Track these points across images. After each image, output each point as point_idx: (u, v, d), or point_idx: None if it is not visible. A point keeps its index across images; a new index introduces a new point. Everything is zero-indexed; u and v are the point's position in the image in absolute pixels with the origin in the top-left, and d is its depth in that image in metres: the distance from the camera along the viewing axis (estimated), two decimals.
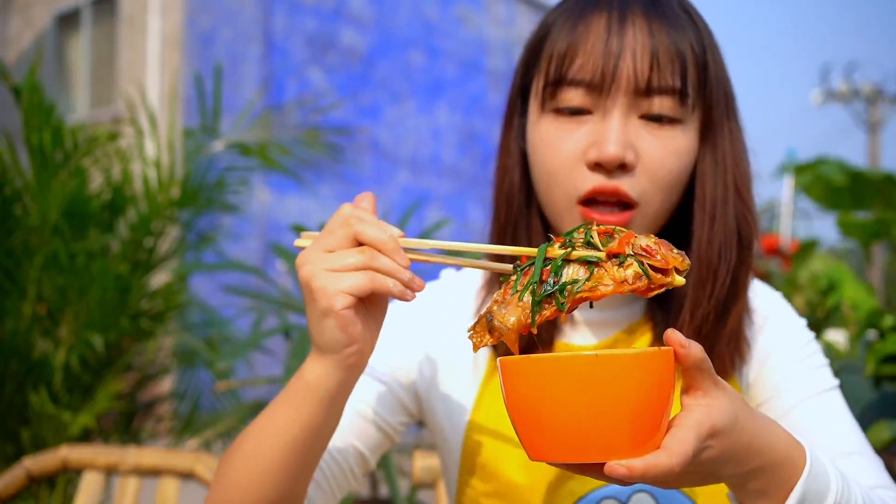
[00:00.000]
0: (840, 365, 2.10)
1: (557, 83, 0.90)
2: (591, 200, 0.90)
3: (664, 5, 0.90)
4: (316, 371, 0.79)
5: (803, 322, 1.03)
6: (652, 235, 0.72)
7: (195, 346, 2.92)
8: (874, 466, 0.90)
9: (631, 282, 0.70)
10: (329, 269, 0.75)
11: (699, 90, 0.90)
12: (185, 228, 3.00)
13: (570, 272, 0.71)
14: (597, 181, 0.88)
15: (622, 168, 0.88)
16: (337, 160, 3.35)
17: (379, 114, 11.37)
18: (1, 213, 2.53)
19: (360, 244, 0.76)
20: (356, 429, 0.98)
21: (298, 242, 0.82)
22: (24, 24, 11.57)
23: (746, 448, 0.71)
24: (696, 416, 0.68)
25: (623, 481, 0.66)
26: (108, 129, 2.83)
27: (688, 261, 0.72)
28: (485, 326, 0.72)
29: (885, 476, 0.90)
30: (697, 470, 0.69)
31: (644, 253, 0.70)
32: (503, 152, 1.00)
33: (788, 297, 2.73)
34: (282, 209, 9.94)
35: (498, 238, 0.99)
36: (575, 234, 0.73)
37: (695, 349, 0.67)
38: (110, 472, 1.41)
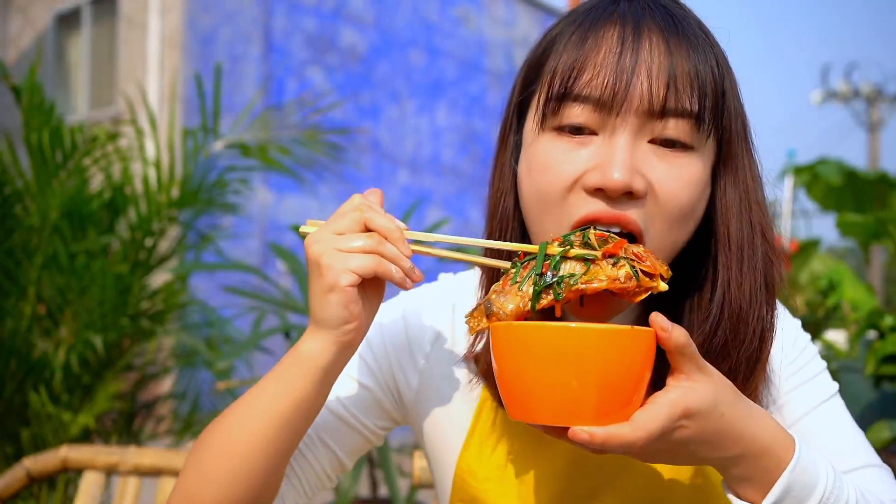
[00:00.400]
0: (840, 365, 2.10)
1: (561, 98, 0.81)
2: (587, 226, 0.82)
3: (683, 23, 0.82)
4: (311, 345, 0.81)
5: (797, 324, 1.00)
6: (640, 244, 0.77)
7: (195, 346, 2.92)
8: (887, 478, 0.89)
9: (622, 281, 0.75)
10: (338, 249, 0.78)
11: (716, 117, 0.82)
12: (185, 228, 3.00)
13: (568, 268, 0.77)
14: (595, 207, 0.80)
15: (628, 196, 0.79)
16: (337, 160, 3.35)
17: (379, 114, 11.37)
18: (1, 213, 2.53)
19: (368, 230, 0.80)
20: (331, 428, 0.97)
21: (304, 228, 0.85)
22: (24, 24, 11.57)
23: (725, 433, 0.73)
24: (671, 396, 0.71)
25: (586, 446, 0.70)
26: (107, 129, 2.83)
27: (670, 272, 0.76)
28: (483, 312, 0.78)
29: None
30: (670, 447, 0.72)
31: (635, 258, 0.76)
32: (496, 175, 0.92)
33: (788, 297, 2.73)
34: (282, 209, 9.94)
35: (489, 272, 0.93)
36: (573, 236, 0.79)
37: (677, 333, 0.70)
38: (110, 472, 1.41)
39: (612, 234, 0.78)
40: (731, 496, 0.78)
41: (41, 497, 2.45)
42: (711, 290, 0.86)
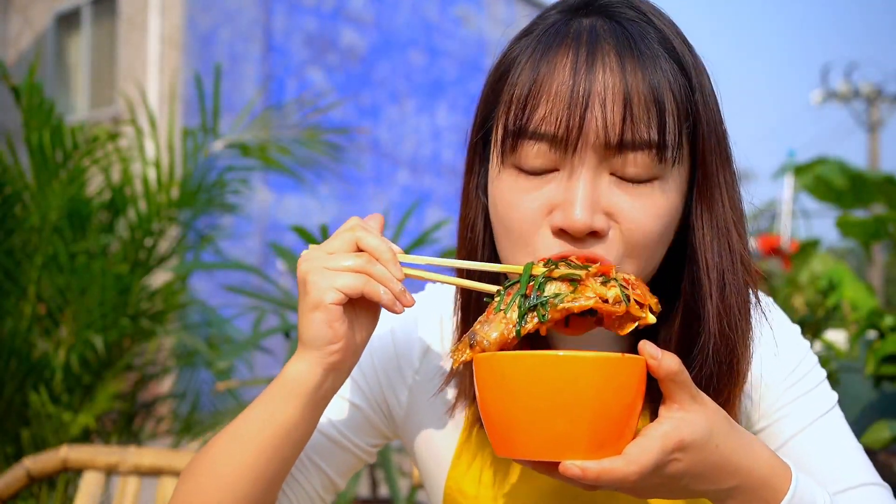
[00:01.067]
0: (840, 365, 2.10)
1: (517, 135, 0.77)
2: None
3: (640, 42, 0.77)
4: (297, 367, 0.79)
5: (796, 331, 0.97)
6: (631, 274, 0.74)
7: (195, 346, 2.91)
8: (886, 498, 0.86)
9: (611, 302, 0.73)
10: (326, 267, 0.77)
11: (684, 140, 0.78)
12: (185, 228, 3.00)
13: (553, 289, 0.74)
14: (563, 249, 0.77)
15: (593, 235, 0.77)
16: (337, 160, 3.35)
17: (379, 114, 11.37)
18: (1, 213, 2.53)
19: (361, 251, 0.79)
20: (323, 450, 0.95)
21: (306, 252, 0.84)
22: (24, 24, 11.57)
23: (721, 466, 0.71)
24: (664, 428, 0.68)
25: (578, 482, 0.67)
26: (107, 129, 2.83)
27: (659, 306, 0.73)
28: (466, 344, 0.75)
29: None
30: (664, 482, 0.70)
31: (626, 283, 0.74)
32: (465, 202, 0.89)
33: (788, 297, 2.73)
34: (282, 209, 9.94)
35: (465, 299, 0.90)
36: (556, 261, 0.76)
37: (667, 361, 0.68)
38: (110, 472, 1.41)
39: (599, 264, 0.76)
40: None
41: (41, 497, 2.45)
42: (684, 317, 0.83)
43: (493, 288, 0.80)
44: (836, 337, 2.69)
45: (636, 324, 0.74)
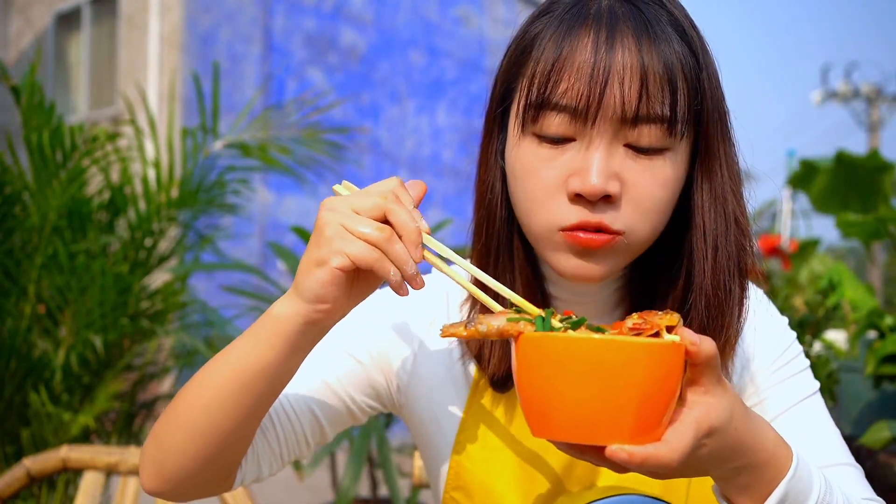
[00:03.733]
0: (840, 365, 2.10)
1: (539, 107, 0.83)
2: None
3: (654, 24, 0.83)
4: (282, 308, 0.79)
5: (784, 322, 1.02)
6: (633, 314, 0.74)
7: (195, 346, 2.91)
8: (859, 478, 0.92)
9: (625, 330, 0.73)
10: (346, 227, 0.75)
11: (691, 116, 0.85)
12: (185, 228, 2.99)
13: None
14: (580, 216, 0.83)
15: (605, 199, 0.83)
16: (337, 159, 3.35)
17: (379, 114, 11.37)
18: (1, 213, 2.53)
19: (387, 221, 0.77)
20: (318, 394, 0.96)
21: (337, 187, 0.84)
22: (24, 24, 11.57)
23: (737, 447, 0.73)
24: (695, 414, 0.70)
25: (622, 467, 0.69)
26: (107, 129, 2.83)
27: (676, 315, 0.74)
28: (462, 323, 0.75)
29: (868, 487, 0.92)
30: (691, 466, 0.71)
31: (634, 329, 0.73)
32: (483, 166, 0.94)
33: (788, 297, 2.73)
34: (282, 209, 9.94)
35: (479, 259, 0.94)
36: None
37: (706, 346, 0.69)
38: (110, 472, 1.41)
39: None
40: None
41: (41, 497, 2.45)
42: (686, 278, 0.89)
43: (504, 294, 0.79)
44: (836, 337, 2.69)
45: (664, 325, 0.72)
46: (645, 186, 0.84)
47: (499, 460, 0.95)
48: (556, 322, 0.73)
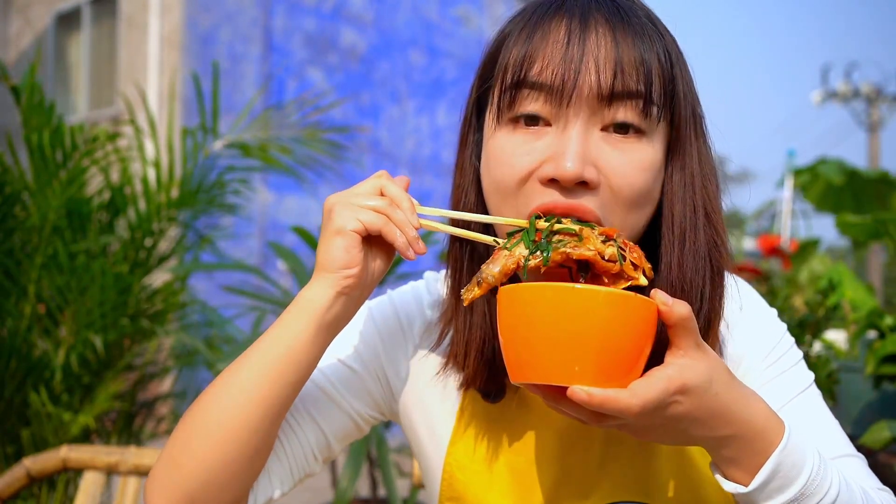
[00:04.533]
0: (840, 365, 2.10)
1: (515, 87, 0.83)
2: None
3: (629, 13, 0.84)
4: (311, 290, 0.85)
5: (773, 314, 1.01)
6: (614, 243, 0.79)
7: (195, 346, 2.91)
8: (863, 467, 0.91)
9: (607, 258, 0.78)
10: (351, 202, 0.84)
11: (665, 102, 0.84)
12: (185, 228, 2.99)
13: (557, 238, 0.80)
14: (549, 198, 0.81)
15: (582, 186, 0.81)
16: (337, 159, 3.35)
17: (379, 114, 11.37)
18: (1, 213, 2.53)
19: (384, 196, 0.85)
20: (320, 406, 0.97)
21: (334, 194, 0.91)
22: (24, 24, 11.57)
23: (719, 414, 0.74)
24: (668, 371, 0.72)
25: (583, 406, 0.71)
26: (107, 130, 2.83)
27: (652, 272, 0.79)
28: (474, 283, 0.81)
29: (874, 476, 0.92)
30: (664, 423, 0.73)
31: (623, 246, 0.79)
32: (458, 171, 0.95)
33: (788, 297, 2.73)
34: (282, 209, 9.94)
35: (455, 259, 0.94)
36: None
37: (678, 308, 0.72)
38: (110, 472, 1.41)
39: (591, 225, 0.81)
40: (718, 477, 0.79)
41: (41, 497, 2.45)
42: (655, 273, 0.87)
43: (500, 240, 0.84)
44: (836, 337, 2.69)
45: (628, 283, 0.78)
46: (623, 172, 0.82)
47: (491, 471, 0.95)
48: (542, 223, 0.80)
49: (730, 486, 0.78)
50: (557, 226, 0.80)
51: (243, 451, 0.84)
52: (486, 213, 0.91)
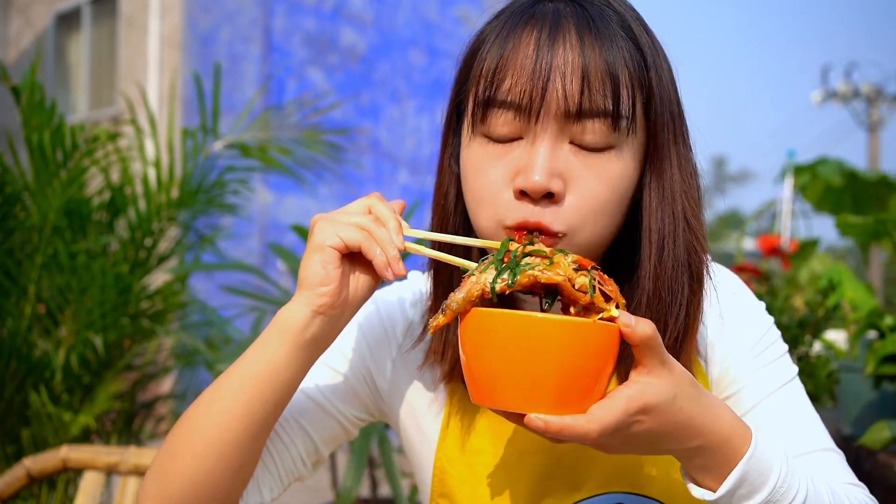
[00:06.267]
0: (840, 365, 2.10)
1: (486, 105, 0.85)
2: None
3: (599, 22, 0.84)
4: (288, 308, 0.84)
5: (761, 307, 1.02)
6: (604, 275, 0.78)
7: (195, 346, 2.91)
8: (840, 462, 0.93)
9: (577, 287, 0.76)
10: (334, 219, 0.84)
11: (641, 112, 0.85)
12: (185, 229, 2.99)
13: (527, 260, 0.79)
14: (523, 213, 0.83)
15: (548, 198, 0.83)
16: (337, 160, 3.35)
17: (379, 114, 11.37)
18: (1, 213, 2.53)
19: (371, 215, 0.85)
20: (307, 412, 0.98)
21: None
22: (24, 24, 11.57)
23: (685, 427, 0.75)
24: (629, 392, 0.73)
25: (541, 434, 0.71)
26: (107, 129, 2.83)
27: (626, 306, 0.77)
28: (440, 311, 0.79)
29: (850, 472, 0.93)
30: (627, 440, 0.74)
31: (600, 279, 0.78)
32: (440, 171, 0.96)
33: (788, 297, 2.73)
34: (282, 209, 9.94)
35: (439, 274, 0.96)
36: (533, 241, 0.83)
37: (642, 327, 0.72)
38: (110, 472, 1.41)
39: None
40: (689, 484, 0.81)
41: (41, 497, 2.45)
42: (635, 280, 0.89)
43: (474, 265, 0.84)
44: (836, 337, 2.69)
45: (599, 315, 0.77)
46: (589, 185, 0.84)
47: (481, 465, 0.96)
48: (514, 245, 0.80)
49: (698, 493, 0.80)
50: (529, 247, 0.79)
51: (227, 464, 0.85)
52: (464, 216, 0.93)
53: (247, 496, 0.92)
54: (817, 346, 2.52)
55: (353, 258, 0.85)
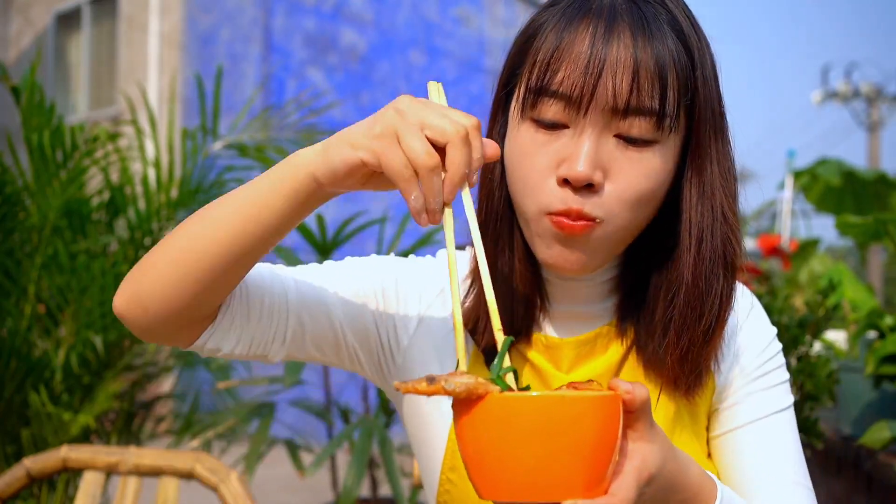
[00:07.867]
0: (840, 365, 2.10)
1: (537, 93, 0.87)
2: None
3: (651, 22, 0.86)
4: (304, 153, 0.83)
5: (774, 332, 1.04)
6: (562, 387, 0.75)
7: None
8: (808, 499, 0.95)
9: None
10: (400, 135, 0.75)
11: (682, 112, 0.88)
12: None
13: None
14: (566, 201, 0.86)
15: (588, 187, 0.86)
16: None
17: None
18: (1, 213, 2.53)
19: (443, 151, 0.75)
20: (316, 316, 0.98)
21: (432, 85, 0.89)
22: (24, 24, 11.57)
23: (672, 485, 0.77)
24: (635, 464, 0.72)
25: None
26: (107, 130, 2.83)
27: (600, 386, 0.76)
28: (423, 379, 0.69)
29: None
30: None
31: (570, 386, 0.74)
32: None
33: (788, 297, 2.72)
34: None
35: (481, 230, 0.93)
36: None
37: (639, 392, 0.71)
38: (110, 472, 1.41)
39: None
40: None
41: (41, 497, 2.45)
42: (674, 269, 0.92)
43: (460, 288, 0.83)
44: (836, 337, 2.69)
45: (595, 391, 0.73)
46: (629, 177, 0.87)
47: None
48: (511, 381, 0.73)
49: None
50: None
51: (199, 281, 0.85)
52: (506, 191, 0.94)
53: (214, 328, 0.92)
54: (817, 346, 2.51)
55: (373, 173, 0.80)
